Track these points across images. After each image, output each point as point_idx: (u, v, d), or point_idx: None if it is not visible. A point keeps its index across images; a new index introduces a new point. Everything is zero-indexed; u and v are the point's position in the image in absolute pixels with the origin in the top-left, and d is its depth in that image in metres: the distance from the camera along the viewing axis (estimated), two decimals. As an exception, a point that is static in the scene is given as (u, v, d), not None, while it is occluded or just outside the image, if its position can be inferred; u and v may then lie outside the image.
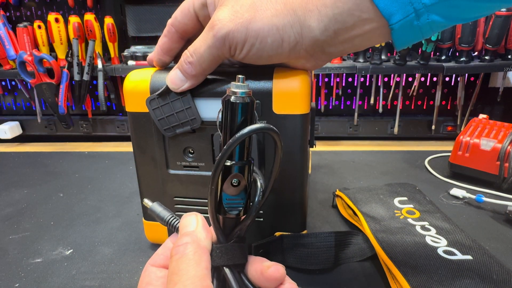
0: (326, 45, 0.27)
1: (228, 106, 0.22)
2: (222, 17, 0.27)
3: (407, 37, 0.26)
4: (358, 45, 0.28)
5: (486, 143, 0.53)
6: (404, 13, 0.24)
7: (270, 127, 0.22)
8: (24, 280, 0.36)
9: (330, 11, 0.25)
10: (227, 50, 0.28)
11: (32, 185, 0.59)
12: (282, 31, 0.27)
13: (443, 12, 0.24)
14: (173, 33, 0.33)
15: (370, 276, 0.35)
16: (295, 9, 0.26)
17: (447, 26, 0.26)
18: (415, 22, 0.24)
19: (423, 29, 0.25)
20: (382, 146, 0.76)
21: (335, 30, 0.26)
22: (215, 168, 0.22)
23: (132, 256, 0.39)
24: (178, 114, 0.32)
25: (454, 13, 0.24)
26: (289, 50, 0.28)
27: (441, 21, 0.24)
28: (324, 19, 0.26)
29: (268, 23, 0.27)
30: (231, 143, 0.21)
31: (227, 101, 0.22)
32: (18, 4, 0.78)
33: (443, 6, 0.23)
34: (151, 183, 0.37)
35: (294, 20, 0.26)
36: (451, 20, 0.24)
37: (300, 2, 0.26)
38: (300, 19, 0.26)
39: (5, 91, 0.86)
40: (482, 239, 0.41)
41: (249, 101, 0.22)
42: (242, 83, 0.22)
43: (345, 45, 0.27)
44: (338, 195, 0.48)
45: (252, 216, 0.24)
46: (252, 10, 0.27)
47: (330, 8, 0.25)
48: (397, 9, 0.24)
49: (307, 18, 0.26)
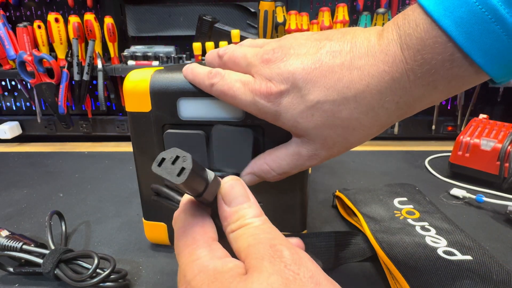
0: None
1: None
2: (316, 155, 0.26)
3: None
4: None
5: (486, 143, 0.53)
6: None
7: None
8: (24, 281, 0.36)
9: (418, 107, 0.23)
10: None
11: (32, 185, 0.59)
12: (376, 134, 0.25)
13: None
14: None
15: (370, 276, 0.35)
16: (393, 120, 0.24)
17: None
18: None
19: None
20: (382, 146, 0.76)
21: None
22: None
23: (132, 256, 0.39)
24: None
25: None
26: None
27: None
28: (430, 104, 0.23)
29: (362, 142, 0.26)
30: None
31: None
32: (18, 4, 0.78)
33: None
34: (151, 183, 0.37)
35: (393, 121, 0.24)
36: None
37: (398, 114, 0.23)
38: (400, 118, 0.24)
39: (5, 91, 0.86)
40: (482, 239, 0.41)
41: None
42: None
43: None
44: (338, 196, 0.48)
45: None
46: (346, 143, 0.25)
47: (419, 106, 0.23)
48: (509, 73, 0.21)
49: (409, 114, 0.24)
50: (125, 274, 0.34)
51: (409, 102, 0.22)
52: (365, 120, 0.23)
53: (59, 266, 0.34)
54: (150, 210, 0.39)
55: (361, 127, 0.24)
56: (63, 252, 0.35)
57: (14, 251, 0.36)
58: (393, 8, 0.73)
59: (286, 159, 0.27)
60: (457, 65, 0.20)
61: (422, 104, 0.23)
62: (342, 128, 0.24)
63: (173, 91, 0.33)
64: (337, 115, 0.23)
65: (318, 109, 0.23)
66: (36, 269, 0.35)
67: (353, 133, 0.24)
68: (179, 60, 0.73)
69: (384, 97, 0.22)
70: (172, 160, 0.18)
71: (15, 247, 0.36)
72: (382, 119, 0.23)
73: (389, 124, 0.24)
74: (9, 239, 0.37)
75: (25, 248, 0.36)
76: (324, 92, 0.23)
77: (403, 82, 0.21)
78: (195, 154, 0.34)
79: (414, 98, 0.22)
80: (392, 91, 0.22)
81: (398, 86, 0.22)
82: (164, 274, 0.37)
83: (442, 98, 0.23)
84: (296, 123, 0.24)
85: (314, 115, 0.23)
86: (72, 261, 0.35)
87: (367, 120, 0.23)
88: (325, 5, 0.76)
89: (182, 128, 0.34)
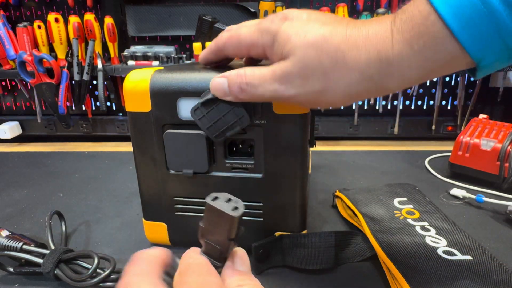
0: (399, 90, 0.27)
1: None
2: (291, 79, 0.26)
3: (493, 69, 0.24)
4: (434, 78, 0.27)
5: (486, 143, 0.53)
6: (497, 56, 0.22)
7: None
8: (24, 281, 0.36)
9: (415, 73, 0.24)
10: (289, 102, 0.28)
11: (32, 185, 0.59)
12: (356, 96, 0.26)
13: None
14: (221, 55, 0.33)
15: (370, 276, 0.35)
16: (372, 76, 0.24)
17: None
18: (506, 59, 0.23)
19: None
20: (382, 146, 0.76)
21: (415, 83, 0.25)
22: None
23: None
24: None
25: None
26: (356, 101, 0.28)
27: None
28: (406, 80, 0.24)
29: (341, 93, 0.25)
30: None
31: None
32: (18, 4, 0.78)
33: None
34: (151, 183, 0.37)
35: (370, 85, 0.25)
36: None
37: (378, 68, 0.24)
38: (377, 83, 0.25)
39: (5, 91, 0.86)
40: (482, 239, 0.41)
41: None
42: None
43: (419, 83, 0.27)
44: (338, 196, 0.48)
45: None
46: (324, 79, 0.25)
47: (416, 71, 0.24)
48: (491, 54, 0.22)
49: (385, 81, 0.25)
50: (125, 274, 0.34)
51: (388, 58, 0.24)
52: (349, 56, 0.24)
53: (59, 266, 0.34)
54: (150, 210, 0.39)
55: (343, 63, 0.25)
56: (63, 252, 0.35)
57: (14, 251, 0.36)
58: (393, 8, 0.73)
59: (261, 70, 0.27)
60: (431, 24, 0.22)
61: (400, 72, 0.24)
62: (327, 56, 0.25)
63: (173, 91, 0.33)
64: (327, 40, 0.25)
65: (313, 31, 0.25)
66: (36, 269, 0.35)
67: (333, 67, 0.25)
68: (179, 60, 0.73)
69: (369, 42, 0.24)
70: (226, 200, 0.21)
71: (15, 247, 0.36)
72: (362, 65, 0.24)
73: (366, 80, 0.25)
74: (9, 239, 0.37)
75: (25, 248, 0.36)
76: (321, 25, 0.26)
77: (387, 33, 0.24)
78: (195, 154, 0.34)
79: (393, 55, 0.24)
80: (376, 38, 0.24)
81: (382, 35, 0.24)
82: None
83: (417, 69, 0.24)
84: (288, 40, 0.26)
85: (307, 35, 0.25)
86: (72, 261, 0.35)
87: (350, 58, 0.24)
88: (325, 5, 0.76)
89: (182, 128, 0.34)
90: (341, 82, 0.25)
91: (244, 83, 0.28)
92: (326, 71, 0.25)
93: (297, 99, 0.27)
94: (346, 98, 0.26)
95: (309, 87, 0.26)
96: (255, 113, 0.32)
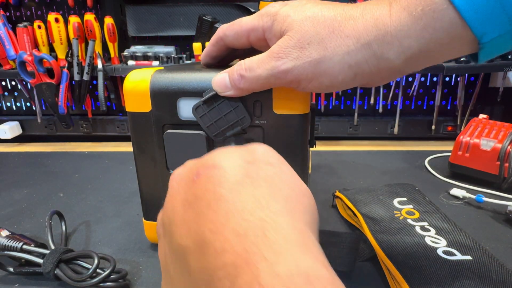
0: (405, 69, 0.26)
1: None
2: (288, 51, 0.26)
3: (496, 51, 0.24)
4: (440, 62, 0.26)
5: (486, 143, 0.53)
6: (499, 31, 0.22)
7: None
8: (24, 281, 0.36)
9: (415, 42, 0.23)
10: (287, 83, 0.27)
11: (32, 185, 0.59)
12: (356, 67, 0.25)
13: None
14: (222, 45, 0.33)
15: (370, 276, 0.35)
16: (369, 43, 0.24)
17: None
18: (510, 39, 0.22)
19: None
20: (382, 146, 0.76)
21: (417, 58, 0.24)
22: None
23: (132, 256, 0.39)
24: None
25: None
26: (361, 80, 0.26)
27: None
28: (406, 51, 0.24)
29: (339, 62, 0.25)
30: None
31: None
32: (18, 4, 0.78)
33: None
34: (151, 183, 0.37)
35: (369, 55, 0.24)
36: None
37: (375, 34, 0.24)
38: (376, 53, 0.24)
39: (5, 91, 0.86)
40: (482, 239, 0.41)
41: None
42: None
43: (426, 65, 0.26)
44: (338, 196, 0.48)
45: None
46: (321, 48, 0.25)
47: (415, 39, 0.23)
48: (493, 28, 0.22)
49: (385, 51, 0.24)
50: (125, 274, 0.35)
51: (386, 25, 0.24)
52: (345, 25, 0.25)
53: (59, 266, 0.34)
54: (150, 210, 0.39)
55: (339, 31, 0.25)
56: (63, 252, 0.35)
57: (14, 251, 0.36)
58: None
59: (259, 55, 0.28)
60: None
61: (399, 41, 0.24)
62: (323, 26, 0.25)
63: (173, 91, 0.33)
64: (324, 14, 0.25)
65: (311, 9, 0.26)
66: (36, 269, 0.35)
67: (330, 35, 0.25)
68: (179, 60, 0.73)
69: (366, 11, 0.24)
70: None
71: (15, 247, 0.36)
72: (359, 32, 0.24)
73: (364, 48, 0.24)
74: (9, 239, 0.37)
75: (25, 248, 0.36)
76: (320, 5, 0.26)
77: (384, 3, 0.24)
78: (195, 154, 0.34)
79: (391, 21, 0.23)
80: (373, 8, 0.24)
81: (379, 5, 0.24)
82: (164, 274, 0.37)
83: (416, 38, 0.23)
84: (286, 17, 0.27)
85: (305, 12, 0.26)
86: (72, 261, 0.35)
87: (346, 26, 0.25)
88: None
89: (182, 128, 0.34)
90: (339, 50, 0.25)
91: (243, 69, 0.28)
92: (323, 39, 0.25)
93: (295, 73, 0.26)
94: (345, 69, 0.25)
95: (306, 56, 0.25)
96: (255, 114, 0.32)
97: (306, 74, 0.26)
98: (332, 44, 0.25)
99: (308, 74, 0.26)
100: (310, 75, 0.26)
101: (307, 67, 0.26)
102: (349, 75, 0.26)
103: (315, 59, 0.25)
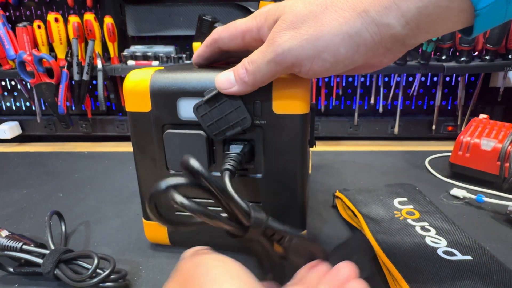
0: (407, 38, 0.25)
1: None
2: (282, 34, 0.26)
3: (491, 21, 0.23)
4: (439, 33, 0.25)
5: (486, 143, 0.53)
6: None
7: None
8: (24, 281, 0.36)
9: (413, 5, 0.23)
10: (289, 67, 0.27)
11: (32, 185, 0.59)
12: (357, 36, 0.24)
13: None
14: (215, 47, 0.33)
15: (370, 276, 0.35)
16: (366, 10, 0.24)
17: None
18: (504, 6, 0.22)
19: (509, 11, 0.22)
20: (382, 146, 0.76)
21: (417, 24, 0.24)
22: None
23: (132, 256, 0.39)
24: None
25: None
26: (366, 53, 0.25)
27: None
28: (405, 14, 0.23)
29: (338, 33, 0.24)
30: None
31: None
32: (17, 4, 0.78)
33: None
34: (151, 183, 0.37)
35: (368, 22, 0.24)
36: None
37: (371, 1, 0.24)
38: (375, 19, 0.24)
39: (5, 91, 0.86)
40: (482, 239, 0.41)
41: None
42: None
43: (427, 35, 0.25)
44: (338, 196, 0.48)
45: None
46: (317, 24, 0.25)
47: (413, 2, 0.23)
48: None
49: (384, 16, 0.24)
50: (125, 274, 0.34)
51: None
52: (338, 0, 0.25)
53: (59, 266, 0.34)
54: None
55: (332, 5, 0.25)
56: (63, 252, 0.35)
57: (14, 251, 0.36)
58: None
59: (259, 48, 0.28)
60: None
61: (396, 3, 0.23)
62: (315, 5, 0.25)
63: (173, 91, 0.33)
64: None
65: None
66: (36, 269, 0.35)
67: (324, 11, 0.25)
68: (179, 60, 0.73)
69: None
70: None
71: (15, 247, 0.36)
72: (354, 2, 0.24)
73: (361, 16, 0.24)
74: (9, 239, 0.37)
75: (25, 248, 0.36)
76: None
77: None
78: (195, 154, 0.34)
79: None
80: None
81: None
82: (164, 274, 0.36)
83: (413, 1, 0.23)
84: (279, 7, 0.27)
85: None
86: (72, 261, 0.35)
87: (339, 1, 0.24)
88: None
89: (182, 128, 0.34)
90: (335, 22, 0.24)
91: (246, 63, 0.29)
92: (317, 16, 0.25)
93: (294, 53, 0.26)
94: (346, 39, 0.24)
95: (302, 34, 0.25)
96: (255, 114, 0.32)
97: (306, 53, 0.26)
98: (328, 19, 0.24)
99: (308, 52, 0.25)
100: (310, 53, 0.25)
101: (305, 45, 0.25)
102: (351, 46, 0.25)
103: (313, 35, 0.25)
